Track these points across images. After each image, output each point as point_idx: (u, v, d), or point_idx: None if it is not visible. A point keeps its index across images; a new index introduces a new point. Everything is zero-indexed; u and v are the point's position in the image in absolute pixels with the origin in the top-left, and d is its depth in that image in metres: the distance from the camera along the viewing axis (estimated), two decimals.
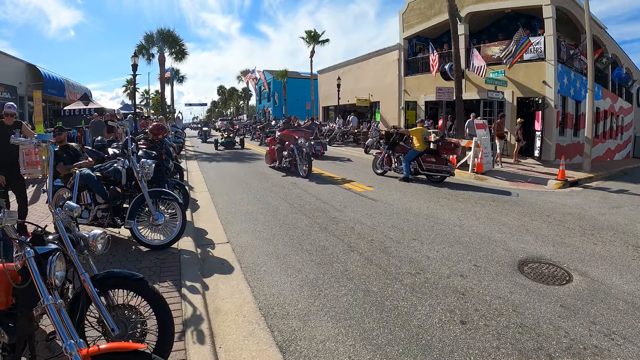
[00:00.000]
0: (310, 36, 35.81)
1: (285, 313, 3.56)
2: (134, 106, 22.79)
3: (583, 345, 3.04)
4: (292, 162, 11.72)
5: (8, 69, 19.81)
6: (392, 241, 5.54)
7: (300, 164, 11.22)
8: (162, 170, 6.21)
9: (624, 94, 24.38)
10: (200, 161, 15.79)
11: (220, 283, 4.21)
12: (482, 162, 11.86)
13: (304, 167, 11.07)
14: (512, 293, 3.93)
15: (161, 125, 7.07)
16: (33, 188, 8.92)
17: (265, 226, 6.33)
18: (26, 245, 2.02)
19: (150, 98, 52.35)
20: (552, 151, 15.31)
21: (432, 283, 4.18)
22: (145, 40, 26.96)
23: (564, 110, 16.38)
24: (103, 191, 5.12)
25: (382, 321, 3.40)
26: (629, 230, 6.28)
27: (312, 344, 3.06)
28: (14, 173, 5.52)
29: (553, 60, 14.97)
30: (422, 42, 21.70)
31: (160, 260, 4.56)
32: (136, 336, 2.56)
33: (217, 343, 3.05)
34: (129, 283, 2.58)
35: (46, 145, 2.65)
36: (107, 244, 2.58)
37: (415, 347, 3.02)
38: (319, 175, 11.58)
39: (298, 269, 4.57)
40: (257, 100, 62.00)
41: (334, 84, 26.36)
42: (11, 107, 5.40)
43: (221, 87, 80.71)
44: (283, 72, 45.90)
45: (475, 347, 3.01)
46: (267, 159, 13.47)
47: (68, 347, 1.79)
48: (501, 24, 19.47)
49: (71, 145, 6.13)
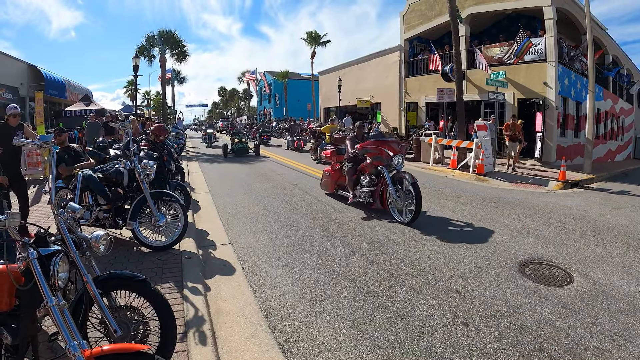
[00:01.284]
0: (311, 37, 35.94)
1: (287, 314, 3.56)
2: (135, 107, 22.81)
3: (584, 346, 3.04)
4: (375, 194, 7.02)
5: (9, 70, 19.86)
6: (393, 242, 5.54)
7: (396, 201, 6.59)
8: (164, 172, 6.23)
9: (625, 95, 24.36)
10: (201, 162, 15.81)
11: (222, 284, 4.22)
12: (482, 164, 11.86)
13: (407, 206, 6.47)
14: (513, 294, 3.93)
15: (162, 127, 7.09)
16: (34, 189, 8.93)
17: (266, 227, 6.33)
18: (29, 246, 2.03)
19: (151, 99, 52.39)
20: (552, 152, 15.31)
21: (433, 284, 4.18)
22: (147, 41, 26.99)
23: (564, 112, 16.38)
24: (105, 192, 5.13)
25: (384, 322, 3.40)
26: (629, 231, 6.28)
27: (313, 345, 3.07)
28: (16, 174, 5.54)
29: (554, 62, 14.97)
30: (423, 43, 21.70)
31: (162, 262, 4.57)
32: (138, 337, 2.56)
33: (219, 344, 3.05)
34: (131, 284, 2.59)
35: (48, 147, 2.66)
36: (109, 245, 2.58)
37: (416, 348, 3.02)
38: (319, 176, 11.56)
39: (299, 270, 4.58)
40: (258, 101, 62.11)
41: (335, 85, 26.39)
42: (17, 108, 5.44)
43: (222, 88, 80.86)
44: (284, 73, 45.98)
45: (477, 348, 3.01)
46: (325, 182, 8.74)
47: (71, 348, 1.79)
48: (502, 25, 19.48)
49: (72, 146, 6.15)
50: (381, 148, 6.93)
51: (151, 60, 27.90)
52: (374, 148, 7.03)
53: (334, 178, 8.37)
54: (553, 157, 15.15)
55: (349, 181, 7.46)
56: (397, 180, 6.61)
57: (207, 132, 26.19)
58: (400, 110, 22.35)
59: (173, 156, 8.06)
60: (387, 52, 23.48)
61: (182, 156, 14.85)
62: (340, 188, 8.17)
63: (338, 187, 8.25)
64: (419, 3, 20.90)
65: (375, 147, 7.02)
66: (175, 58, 28.70)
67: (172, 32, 27.50)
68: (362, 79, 26.27)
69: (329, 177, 8.50)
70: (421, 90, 20.69)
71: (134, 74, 20.13)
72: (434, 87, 17.30)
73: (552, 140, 15.38)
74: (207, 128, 28.71)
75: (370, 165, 7.07)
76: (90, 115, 14.35)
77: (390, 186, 6.62)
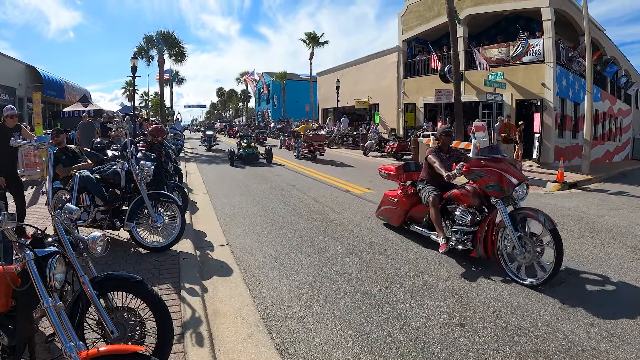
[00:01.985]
0: (310, 38, 35.94)
1: (284, 315, 3.56)
2: (133, 108, 22.77)
3: (581, 347, 3.04)
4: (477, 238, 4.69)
5: (7, 71, 19.83)
6: (390, 244, 5.55)
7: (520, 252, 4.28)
8: (161, 173, 6.22)
9: (623, 96, 24.45)
10: (199, 163, 15.80)
11: (220, 285, 4.21)
12: None
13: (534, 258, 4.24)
14: (510, 295, 3.94)
15: (160, 128, 7.09)
16: (32, 190, 8.92)
17: (264, 228, 6.33)
18: (26, 247, 2.02)
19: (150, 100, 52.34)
20: (550, 153, 15.35)
21: (430, 285, 4.18)
22: (145, 42, 26.96)
23: (562, 112, 16.44)
24: (102, 193, 5.13)
25: (381, 323, 3.40)
26: (627, 232, 6.30)
27: (310, 347, 3.07)
28: (12, 175, 5.53)
29: (552, 63, 15.03)
30: (421, 44, 21.75)
31: (159, 263, 4.57)
32: (135, 338, 2.56)
33: (216, 345, 3.05)
34: (128, 285, 2.59)
35: (45, 147, 2.66)
36: (106, 246, 2.58)
37: (414, 349, 3.03)
38: (317, 177, 11.59)
39: (297, 271, 4.58)
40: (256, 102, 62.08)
41: (334, 86, 26.40)
42: (13, 109, 5.43)
43: (220, 89, 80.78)
44: (282, 74, 46.00)
45: (474, 349, 3.01)
46: (387, 212, 6.26)
47: (67, 349, 1.79)
48: (500, 26, 19.55)
49: (70, 147, 6.14)
50: (501, 173, 4.46)
51: (149, 61, 27.87)
52: (491, 172, 4.52)
53: (403, 207, 5.85)
54: (551, 158, 15.19)
55: (436, 217, 5.02)
56: (519, 219, 4.36)
57: (206, 134, 23.40)
58: (399, 111, 22.38)
59: (171, 157, 8.07)
60: (385, 53, 23.53)
61: (180, 157, 14.83)
62: (413, 222, 5.76)
63: (410, 220, 5.82)
64: (417, 4, 20.95)
65: (492, 171, 4.52)
66: (173, 59, 28.68)
67: (171, 33, 27.50)
68: (360, 79, 26.31)
69: (396, 206, 5.98)
70: (419, 91, 20.72)
71: (132, 74, 20.09)
72: (432, 88, 17.33)
73: (550, 141, 15.41)
74: (207, 129, 25.80)
75: (473, 195, 4.76)
76: (84, 115, 14.30)
77: (509, 229, 4.31)
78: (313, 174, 11.90)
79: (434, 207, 5.05)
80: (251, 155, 15.06)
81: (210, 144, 22.35)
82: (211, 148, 22.11)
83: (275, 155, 16.22)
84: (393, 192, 6.28)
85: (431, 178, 5.42)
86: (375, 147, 18.32)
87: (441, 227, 4.98)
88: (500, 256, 4.44)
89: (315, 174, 12.01)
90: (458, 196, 4.94)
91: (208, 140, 22.49)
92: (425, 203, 5.29)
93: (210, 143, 22.33)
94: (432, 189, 5.25)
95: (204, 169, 13.92)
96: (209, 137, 22.63)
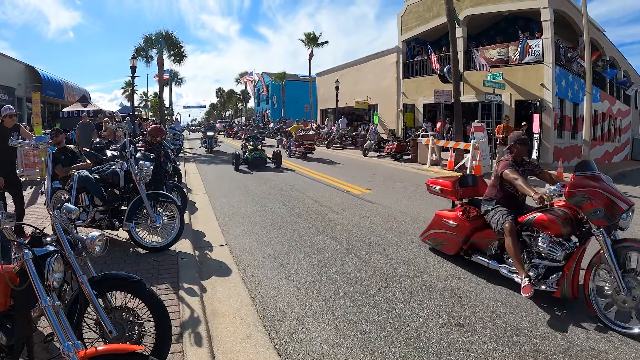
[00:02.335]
0: (309, 38, 35.94)
1: (282, 315, 3.56)
2: (132, 108, 22.74)
3: (580, 347, 3.05)
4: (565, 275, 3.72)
5: (7, 71, 19.81)
6: (389, 244, 5.55)
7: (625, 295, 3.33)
8: (161, 173, 6.21)
9: (622, 97, 24.48)
10: (198, 163, 15.79)
11: (218, 285, 4.21)
12: (480, 165, 11.89)
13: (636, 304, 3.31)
14: (509, 295, 3.94)
15: (159, 128, 7.09)
16: (31, 190, 8.91)
17: (263, 229, 6.33)
18: (24, 247, 2.03)
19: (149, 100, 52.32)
20: (550, 154, 15.36)
21: (429, 285, 4.19)
22: (144, 42, 26.96)
23: (561, 113, 16.45)
24: (101, 193, 5.13)
25: (380, 324, 3.40)
26: (627, 232, 6.28)
27: (309, 347, 3.07)
28: (11, 174, 5.53)
29: (551, 63, 15.04)
30: (421, 44, 21.77)
31: (158, 263, 4.56)
32: (134, 338, 2.56)
33: (215, 345, 3.05)
34: (127, 285, 2.59)
35: (44, 147, 2.66)
36: (105, 246, 2.58)
37: (412, 349, 3.03)
38: (316, 177, 11.59)
39: (296, 271, 4.58)
40: (256, 102, 62.04)
41: (333, 86, 26.40)
42: (12, 108, 5.43)
43: (220, 90, 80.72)
44: (281, 74, 45.96)
45: (473, 349, 3.01)
46: (441, 238, 5.00)
47: (66, 349, 1.79)
48: (499, 27, 19.57)
49: (69, 147, 6.13)
50: (609, 196, 3.57)
51: (149, 61, 27.89)
52: (597, 194, 3.58)
53: (464, 233, 4.63)
54: (550, 159, 15.20)
55: (515, 250, 3.93)
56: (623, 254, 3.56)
57: (207, 135, 21.71)
58: (398, 112, 22.40)
59: (170, 157, 8.06)
60: (384, 54, 23.54)
61: (179, 157, 14.82)
62: (476, 251, 4.62)
63: (471, 248, 4.67)
64: (416, 5, 20.97)
65: (598, 193, 3.59)
66: (172, 59, 28.68)
67: (170, 33, 27.50)
68: (359, 80, 26.32)
69: (455, 231, 4.73)
70: (419, 91, 20.74)
71: (132, 75, 20.05)
72: (432, 88, 17.34)
73: (550, 142, 15.42)
74: (207, 130, 23.44)
75: (564, 222, 3.75)
76: (83, 115, 14.28)
77: (612, 266, 3.45)
78: (310, 174, 11.89)
79: (511, 237, 3.96)
80: (258, 159, 13.62)
81: (211, 145, 21.09)
82: (212, 150, 20.95)
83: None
84: (449, 212, 4.95)
85: (503, 198, 4.40)
86: (375, 147, 18.30)
87: (521, 263, 3.90)
88: (594, 298, 3.56)
89: (314, 174, 12.00)
90: (543, 222, 3.83)
91: (208, 141, 21.15)
92: (498, 230, 4.17)
93: (211, 144, 21.07)
94: (505, 212, 4.19)
95: (203, 169, 13.91)
96: (210, 138, 21.27)
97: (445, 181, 5.18)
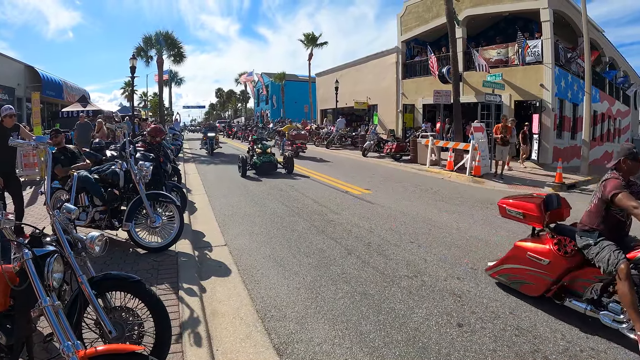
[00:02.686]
0: (309, 39, 35.95)
1: (282, 316, 3.56)
2: (132, 108, 22.72)
3: (580, 347, 3.05)
4: None
5: (6, 71, 19.79)
6: (389, 244, 5.55)
7: None
8: (160, 173, 6.21)
9: (621, 97, 24.50)
10: (198, 164, 15.79)
11: (218, 285, 4.21)
12: (479, 165, 11.89)
13: None
14: (508, 295, 3.95)
15: (159, 128, 7.09)
16: (31, 190, 8.90)
17: (262, 229, 6.33)
18: (24, 247, 2.03)
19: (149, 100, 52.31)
20: (549, 154, 15.36)
21: (429, 286, 4.19)
22: (144, 42, 26.93)
23: (561, 113, 16.46)
24: (101, 193, 5.12)
25: (379, 324, 3.40)
26: None
27: (309, 347, 3.07)
28: (11, 174, 5.53)
29: (550, 64, 15.05)
30: (420, 45, 21.78)
31: (157, 263, 4.56)
32: (133, 338, 2.56)
33: (214, 345, 3.05)
34: (127, 285, 2.59)
35: (44, 147, 2.66)
36: (104, 246, 2.58)
37: (412, 349, 3.03)
38: (315, 178, 11.59)
39: (295, 271, 4.58)
40: (255, 103, 62.00)
41: (332, 86, 26.40)
42: (11, 108, 5.42)
43: (219, 90, 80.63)
44: (281, 74, 45.91)
45: (472, 349, 3.02)
46: (522, 275, 3.85)
47: (65, 349, 1.79)
48: (499, 27, 19.59)
49: (69, 147, 6.13)
50: None
51: (149, 61, 27.83)
52: None
53: (557, 271, 3.63)
54: (550, 159, 15.20)
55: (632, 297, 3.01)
56: None
57: (207, 136, 20.42)
58: (397, 112, 22.40)
59: (169, 157, 8.06)
60: (384, 54, 23.55)
61: (179, 157, 14.81)
62: (570, 294, 3.61)
63: (563, 290, 3.65)
64: (416, 5, 20.98)
65: None
66: (172, 59, 28.64)
67: (170, 33, 27.46)
68: (359, 80, 26.32)
69: (545, 269, 3.70)
70: (418, 92, 20.74)
71: (131, 75, 20.05)
72: (431, 88, 17.33)
73: (549, 142, 15.43)
74: (208, 131, 21.82)
75: None
76: (81, 115, 14.26)
77: None
78: (310, 174, 11.88)
79: (628, 281, 3.03)
80: (268, 164, 12.07)
81: (212, 147, 20.03)
82: (213, 152, 19.93)
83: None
84: (536, 245, 3.86)
85: (606, 228, 3.47)
86: (374, 147, 18.31)
87: (638, 313, 2.97)
88: None
89: (314, 175, 12.00)
90: None
91: (209, 142, 19.99)
92: (609, 271, 3.20)
93: (212, 146, 19.97)
94: (615, 249, 3.28)
95: (203, 170, 13.91)
96: (210, 140, 20.07)
97: (528, 203, 4.02)
